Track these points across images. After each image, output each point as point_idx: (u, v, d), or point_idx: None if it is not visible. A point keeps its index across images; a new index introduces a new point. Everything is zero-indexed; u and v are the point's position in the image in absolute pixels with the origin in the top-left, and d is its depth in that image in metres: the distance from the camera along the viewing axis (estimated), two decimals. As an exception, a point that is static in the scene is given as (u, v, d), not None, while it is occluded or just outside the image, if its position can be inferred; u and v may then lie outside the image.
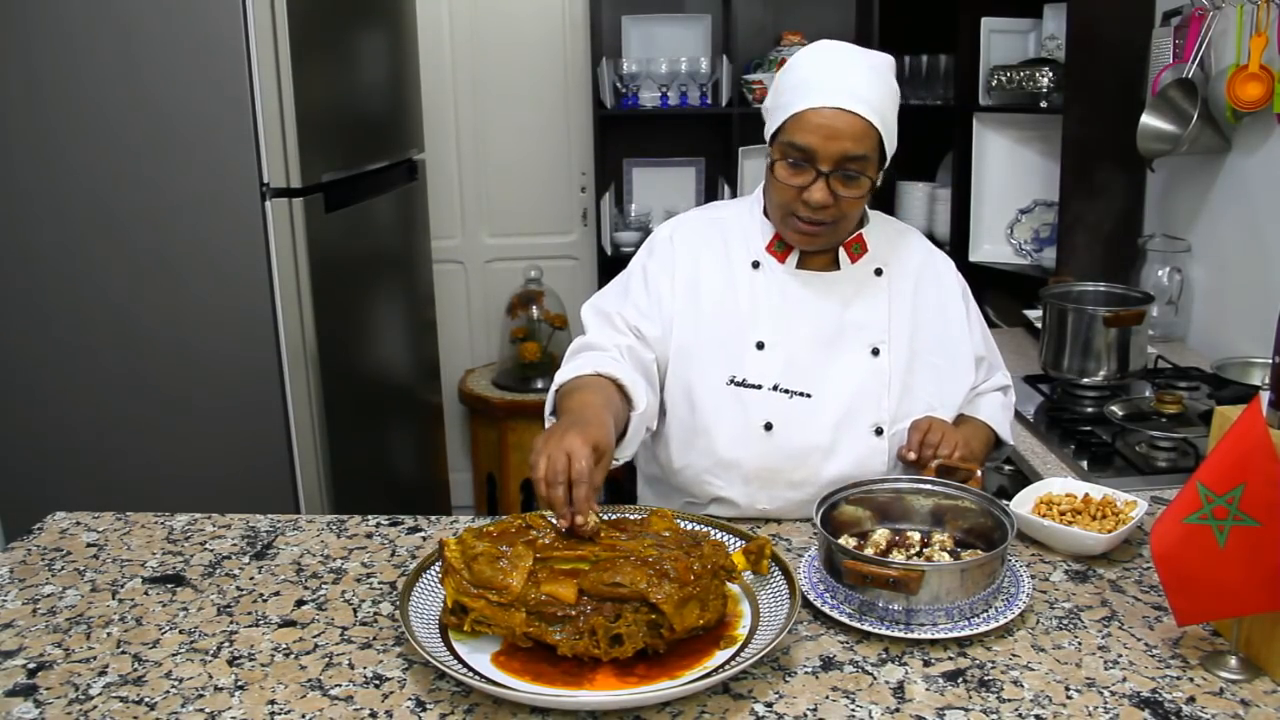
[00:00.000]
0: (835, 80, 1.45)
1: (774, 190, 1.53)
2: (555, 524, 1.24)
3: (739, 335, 1.56)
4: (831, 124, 1.43)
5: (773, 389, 1.53)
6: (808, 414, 1.53)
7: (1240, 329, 2.31)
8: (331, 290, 2.31)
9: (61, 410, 2.25)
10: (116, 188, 2.15)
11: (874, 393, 1.55)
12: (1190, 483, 1.10)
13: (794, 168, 1.47)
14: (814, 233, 1.51)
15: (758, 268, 1.59)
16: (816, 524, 1.29)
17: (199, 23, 2.07)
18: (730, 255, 1.60)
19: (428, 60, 3.16)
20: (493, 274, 3.77)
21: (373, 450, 2.66)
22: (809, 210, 1.48)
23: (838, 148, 1.43)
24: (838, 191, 1.46)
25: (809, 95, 1.45)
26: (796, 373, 1.54)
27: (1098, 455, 1.85)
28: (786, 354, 1.54)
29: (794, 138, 1.46)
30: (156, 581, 1.38)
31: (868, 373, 1.55)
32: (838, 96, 1.43)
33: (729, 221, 1.64)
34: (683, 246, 1.62)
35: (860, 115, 1.43)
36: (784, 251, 1.58)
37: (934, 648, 1.18)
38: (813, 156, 1.45)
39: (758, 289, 1.57)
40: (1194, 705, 1.06)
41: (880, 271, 1.60)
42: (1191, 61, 2.30)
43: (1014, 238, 2.97)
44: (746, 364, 1.54)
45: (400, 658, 1.18)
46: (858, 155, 1.44)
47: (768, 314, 1.56)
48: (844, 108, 1.43)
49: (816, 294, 1.57)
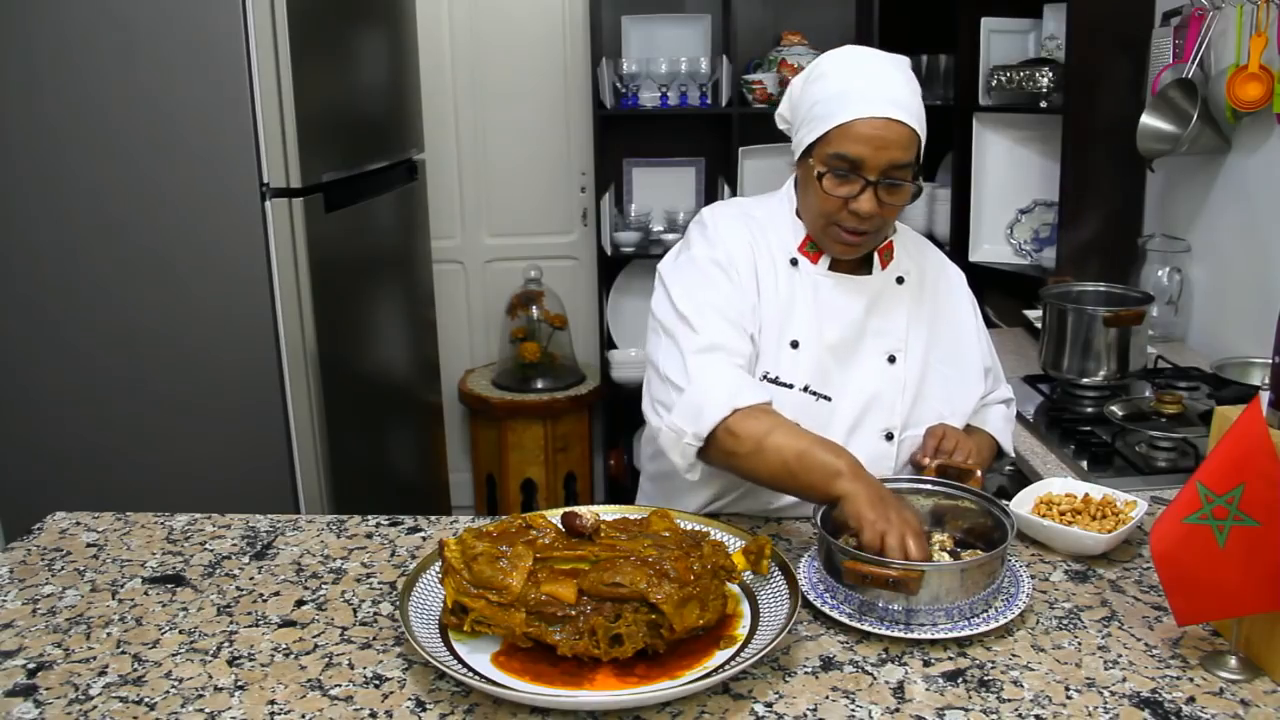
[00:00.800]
0: (878, 89, 1.43)
1: (817, 200, 1.49)
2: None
3: (777, 332, 1.55)
4: (882, 134, 1.41)
5: (803, 390, 1.53)
6: (826, 417, 1.53)
7: (1240, 329, 2.31)
8: (331, 290, 2.30)
9: (61, 411, 2.25)
10: (116, 188, 2.15)
11: (888, 399, 1.56)
12: (1190, 483, 1.10)
13: (840, 178, 1.45)
14: (857, 243, 1.51)
15: (795, 265, 1.57)
16: (816, 524, 1.29)
17: (199, 23, 2.07)
18: (771, 251, 1.58)
19: (428, 60, 3.16)
20: (493, 274, 3.77)
21: (373, 450, 2.66)
22: (856, 220, 1.47)
23: (886, 157, 1.42)
24: (883, 200, 1.45)
25: (854, 105, 1.42)
26: (822, 375, 1.54)
27: (1098, 455, 1.85)
28: (816, 355, 1.54)
29: (842, 149, 1.43)
30: (156, 581, 1.38)
31: (884, 379, 1.56)
32: (885, 106, 1.42)
33: (763, 220, 1.61)
34: (733, 237, 1.57)
35: (906, 124, 1.42)
36: (816, 252, 1.57)
37: (934, 648, 1.18)
38: (861, 166, 1.43)
39: (796, 287, 1.56)
40: (1194, 705, 1.06)
41: (902, 280, 1.60)
42: (1191, 61, 2.30)
43: (1014, 238, 2.98)
44: (782, 362, 1.54)
45: (400, 658, 1.18)
46: (904, 164, 1.44)
47: (802, 313, 1.55)
48: (892, 117, 1.41)
49: (846, 297, 1.56)
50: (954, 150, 3.10)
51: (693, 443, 1.42)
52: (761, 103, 3.33)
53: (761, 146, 3.39)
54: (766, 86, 3.31)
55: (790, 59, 3.33)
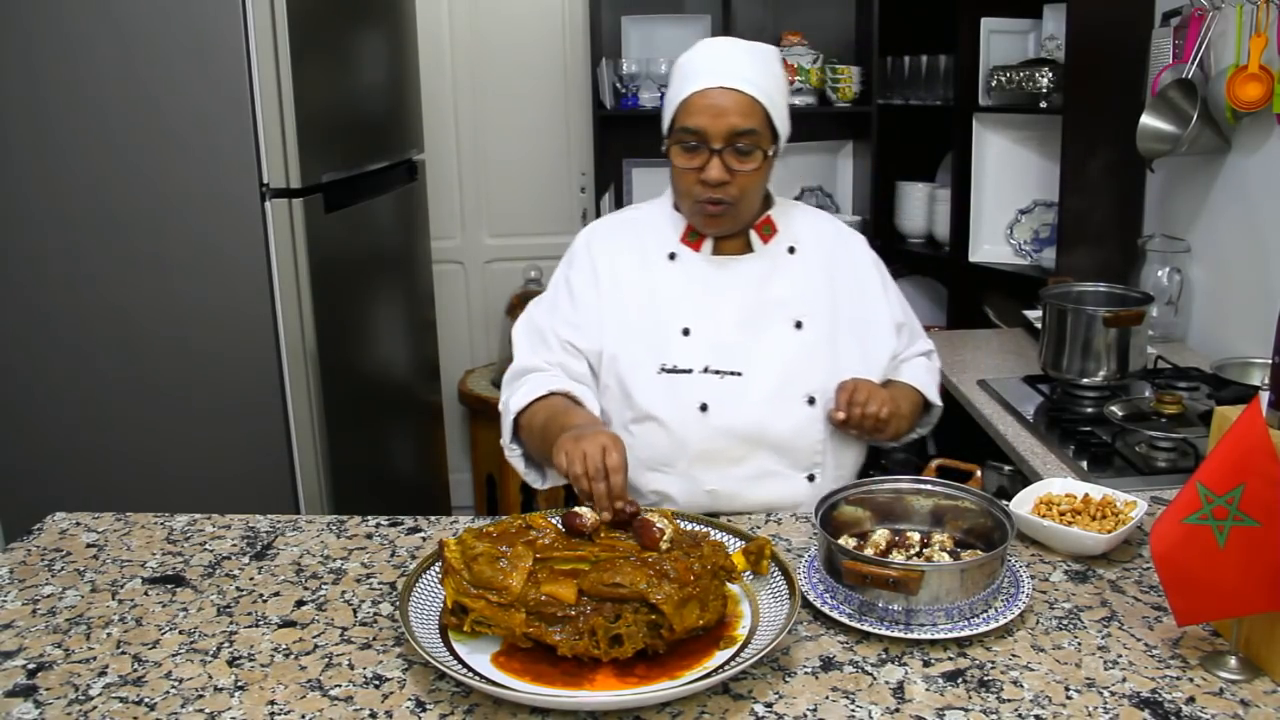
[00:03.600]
0: (713, 65, 1.55)
1: (677, 180, 1.62)
2: (599, 517, 1.28)
3: (664, 325, 1.63)
4: (718, 103, 1.53)
5: (703, 371, 1.60)
6: (740, 391, 1.60)
7: (1240, 329, 2.31)
8: (331, 290, 2.31)
9: (61, 410, 2.25)
10: (116, 188, 2.15)
11: (802, 364, 1.62)
12: (1190, 483, 1.10)
13: (689, 151, 1.57)
14: (719, 212, 1.60)
15: (674, 259, 1.67)
16: (816, 524, 1.29)
17: (199, 23, 2.07)
18: (646, 251, 1.68)
19: (427, 60, 3.16)
20: (492, 274, 3.77)
21: (373, 450, 2.66)
22: (709, 189, 1.56)
23: (725, 124, 1.53)
24: (732, 166, 1.55)
25: (691, 82, 1.55)
26: (724, 353, 1.61)
27: (1097, 455, 1.85)
28: (712, 337, 1.62)
29: (684, 123, 1.55)
30: (156, 582, 1.38)
31: (794, 345, 1.63)
32: (719, 78, 1.54)
33: (641, 221, 1.73)
34: (600, 250, 1.70)
35: (743, 91, 1.53)
36: (698, 241, 1.67)
37: (934, 648, 1.18)
38: (704, 136, 1.54)
39: (677, 278, 1.66)
40: (1194, 705, 1.06)
41: (793, 250, 1.68)
42: (1191, 62, 2.29)
43: (1014, 238, 2.98)
44: (674, 351, 1.62)
45: (400, 658, 1.18)
46: (746, 130, 1.53)
47: (689, 301, 1.64)
48: (726, 86, 1.53)
49: (734, 276, 1.65)
50: (954, 150, 3.10)
51: (513, 451, 1.63)
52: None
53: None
54: (766, 87, 3.30)
55: (790, 59, 3.33)
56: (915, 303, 3.61)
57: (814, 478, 1.65)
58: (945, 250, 3.18)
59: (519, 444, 1.64)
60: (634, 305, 1.65)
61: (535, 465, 1.67)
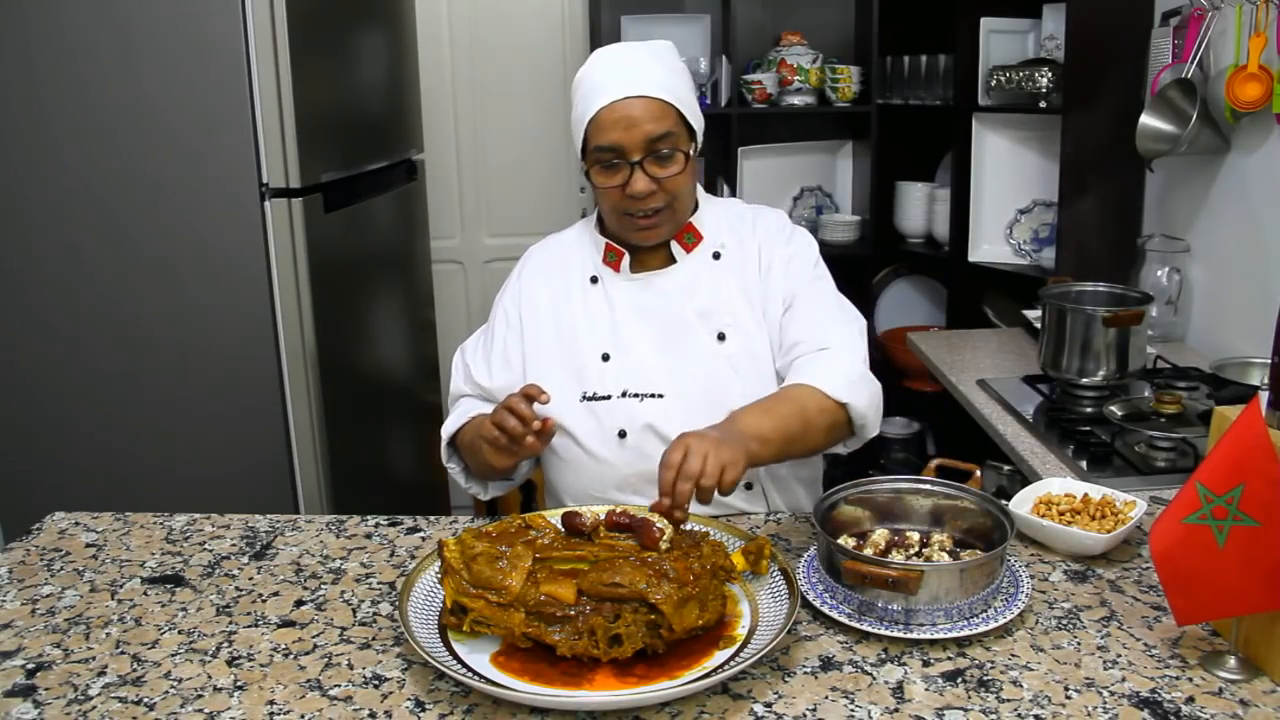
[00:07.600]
0: (613, 76, 1.50)
1: (602, 199, 1.56)
2: (526, 441, 1.39)
3: (584, 351, 1.60)
4: (627, 114, 1.48)
5: (621, 396, 1.57)
6: (661, 414, 1.55)
7: (1239, 329, 2.31)
8: (331, 290, 2.31)
9: (61, 410, 2.25)
10: (116, 188, 2.15)
11: (724, 377, 1.57)
12: (1189, 483, 1.10)
13: (609, 169, 1.51)
14: (653, 224, 1.55)
15: (596, 282, 1.63)
16: (816, 524, 1.29)
17: (198, 23, 2.07)
18: (569, 276, 1.65)
19: (427, 60, 3.16)
20: (492, 274, 3.77)
21: (372, 450, 2.66)
22: (637, 203, 1.51)
23: (640, 134, 1.48)
24: (656, 175, 1.50)
25: (595, 99, 1.50)
26: (644, 376, 1.57)
27: (1097, 455, 1.85)
28: (633, 360, 1.58)
29: (598, 140, 1.50)
30: (156, 582, 1.38)
31: (716, 359, 1.57)
32: (621, 88, 1.48)
33: (568, 245, 1.69)
34: (528, 278, 1.68)
35: (651, 96, 1.48)
36: (616, 260, 1.62)
37: (933, 648, 1.18)
38: (621, 151, 1.49)
39: (597, 303, 1.62)
40: (1193, 705, 1.06)
41: (718, 255, 1.62)
42: (1190, 62, 2.29)
43: (1013, 238, 2.98)
44: (593, 378, 1.58)
45: (400, 658, 1.18)
46: (662, 134, 1.49)
47: (608, 325, 1.60)
48: (632, 94, 1.47)
49: (656, 294, 1.60)
50: (953, 150, 3.11)
51: (453, 468, 1.65)
52: (761, 103, 3.33)
53: (761, 147, 3.38)
54: (766, 87, 3.31)
55: (790, 59, 3.33)
56: (915, 302, 3.66)
57: (751, 485, 1.59)
58: (945, 250, 3.18)
59: (459, 461, 1.66)
60: (558, 333, 1.62)
61: (476, 478, 1.67)
